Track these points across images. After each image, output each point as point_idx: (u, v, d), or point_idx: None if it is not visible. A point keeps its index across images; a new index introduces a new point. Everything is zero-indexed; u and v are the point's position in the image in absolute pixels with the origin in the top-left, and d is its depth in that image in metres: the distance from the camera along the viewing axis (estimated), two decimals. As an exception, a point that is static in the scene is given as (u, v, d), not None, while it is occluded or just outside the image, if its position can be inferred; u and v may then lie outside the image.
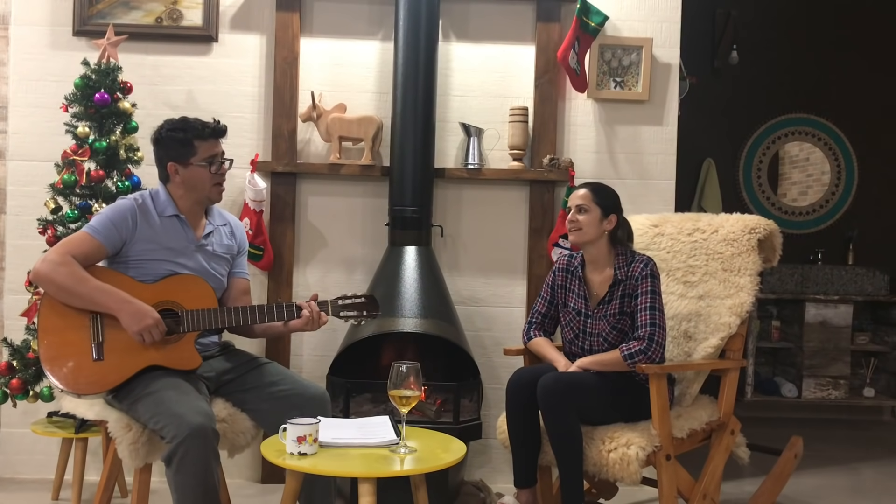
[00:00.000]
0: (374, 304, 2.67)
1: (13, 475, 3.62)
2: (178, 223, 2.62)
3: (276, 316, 2.60)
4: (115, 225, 2.52)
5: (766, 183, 5.89)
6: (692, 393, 2.93)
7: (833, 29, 5.77)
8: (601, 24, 3.61)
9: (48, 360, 2.42)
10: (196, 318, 2.51)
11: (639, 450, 2.55)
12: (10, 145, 3.64)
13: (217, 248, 2.69)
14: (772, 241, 3.02)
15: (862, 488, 3.94)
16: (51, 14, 3.63)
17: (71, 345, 2.43)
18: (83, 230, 2.52)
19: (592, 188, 2.86)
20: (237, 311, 2.56)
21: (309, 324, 2.61)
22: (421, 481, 2.36)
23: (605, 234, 2.82)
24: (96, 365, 2.43)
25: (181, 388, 2.41)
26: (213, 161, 2.60)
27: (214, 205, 2.76)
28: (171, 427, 2.28)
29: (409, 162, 3.48)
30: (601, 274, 2.85)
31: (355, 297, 2.66)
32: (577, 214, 2.82)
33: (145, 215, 2.58)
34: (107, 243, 2.50)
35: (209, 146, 2.61)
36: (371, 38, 3.72)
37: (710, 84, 5.62)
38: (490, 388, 3.62)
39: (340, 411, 3.20)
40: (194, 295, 2.54)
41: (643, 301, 2.73)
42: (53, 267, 2.42)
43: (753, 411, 5.25)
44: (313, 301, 2.63)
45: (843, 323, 5.30)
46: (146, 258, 2.55)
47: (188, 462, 2.26)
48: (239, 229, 2.83)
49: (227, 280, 2.76)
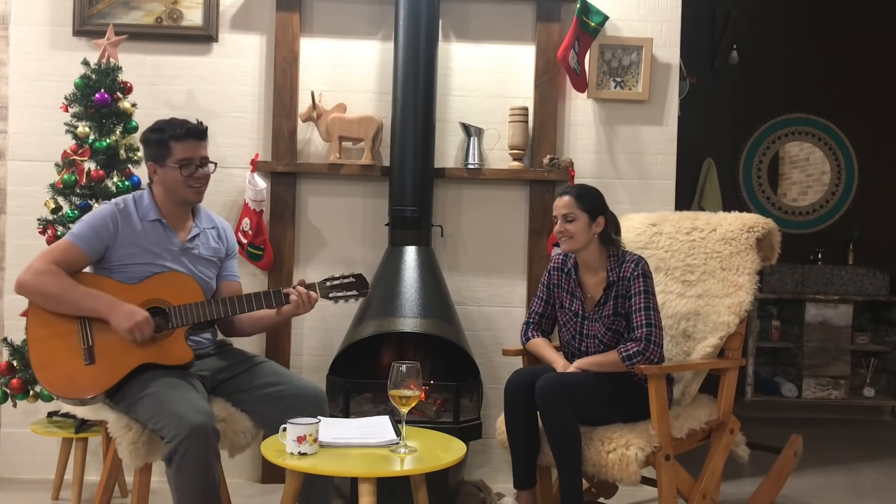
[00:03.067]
0: (363, 282, 2.66)
1: (13, 475, 3.62)
2: (160, 227, 2.61)
3: (265, 303, 2.58)
4: (96, 231, 2.52)
5: (766, 183, 5.89)
6: (691, 392, 2.93)
7: (833, 29, 5.77)
8: (601, 24, 3.61)
9: (40, 369, 2.43)
10: (184, 312, 2.51)
11: (638, 450, 2.55)
12: (10, 145, 3.65)
13: (203, 251, 2.68)
14: (770, 239, 3.02)
15: (862, 488, 3.94)
16: (51, 14, 3.64)
17: (61, 352, 2.43)
18: (65, 238, 2.53)
19: (575, 194, 2.80)
20: (224, 301, 2.56)
21: (300, 307, 2.58)
22: (421, 481, 2.37)
23: (595, 237, 2.81)
24: (88, 369, 2.43)
25: (179, 387, 2.41)
26: (185, 163, 2.57)
27: (202, 207, 2.75)
28: (171, 426, 2.28)
29: (409, 162, 3.48)
30: (595, 276, 2.84)
31: (343, 277, 2.64)
32: (564, 224, 2.77)
33: (127, 220, 2.57)
34: (89, 250, 2.51)
35: (184, 147, 2.57)
36: (371, 38, 3.72)
37: (710, 84, 5.62)
38: (490, 388, 3.62)
39: (340, 411, 3.21)
40: (180, 290, 2.54)
41: (637, 301, 2.72)
42: (38, 276, 2.43)
43: (753, 411, 5.25)
44: (300, 285, 2.61)
45: (843, 323, 5.29)
46: (129, 262, 2.55)
47: (189, 461, 2.26)
48: (227, 231, 2.81)
49: (217, 283, 2.75)
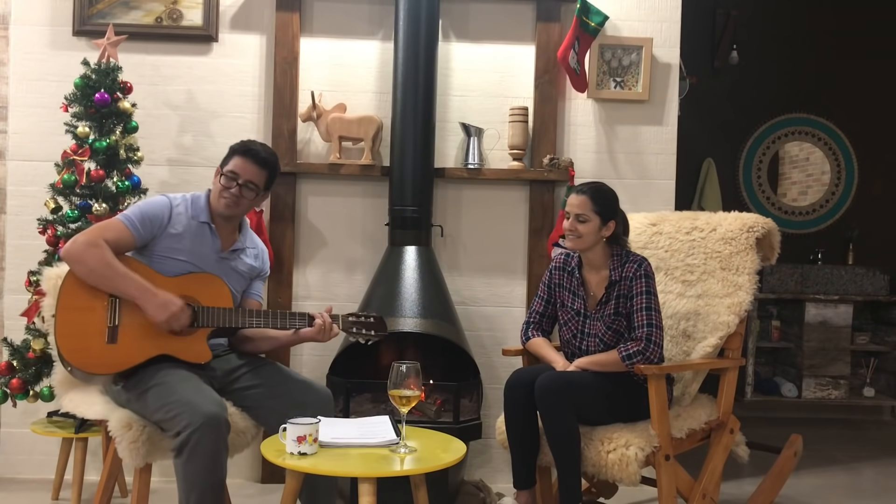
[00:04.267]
0: (383, 324, 2.72)
1: (13, 475, 3.62)
2: (207, 231, 2.66)
3: (289, 322, 2.63)
4: (149, 219, 2.58)
5: (766, 183, 5.89)
6: (691, 392, 2.93)
7: (833, 29, 5.76)
8: (601, 24, 3.61)
9: (62, 336, 2.45)
10: (211, 314, 2.54)
11: (638, 450, 2.55)
12: (10, 145, 3.65)
13: (239, 266, 2.73)
14: (770, 239, 3.02)
15: (862, 488, 3.94)
16: (51, 14, 3.64)
17: (86, 325, 2.46)
18: (117, 218, 2.57)
19: (591, 195, 2.78)
20: (252, 313, 2.61)
21: (320, 333, 2.64)
22: (421, 481, 2.37)
23: (602, 239, 2.81)
24: (108, 347, 2.45)
25: (192, 379, 2.43)
26: (231, 176, 2.63)
27: (249, 228, 2.82)
28: (184, 415, 2.28)
29: (409, 162, 3.48)
30: (598, 274, 2.84)
31: (366, 316, 2.71)
32: (576, 223, 2.77)
33: (178, 216, 2.63)
34: (138, 235, 2.55)
35: (238, 163, 2.64)
36: (371, 38, 3.72)
37: (710, 84, 5.62)
38: (490, 388, 3.62)
39: (340, 411, 3.21)
40: (212, 293, 2.58)
41: (639, 302, 2.72)
42: (85, 248, 2.45)
43: (753, 411, 5.25)
44: (326, 313, 2.66)
45: (843, 323, 5.29)
46: (170, 256, 2.59)
47: (200, 451, 2.26)
48: (265, 255, 2.88)
49: (241, 298, 2.79)
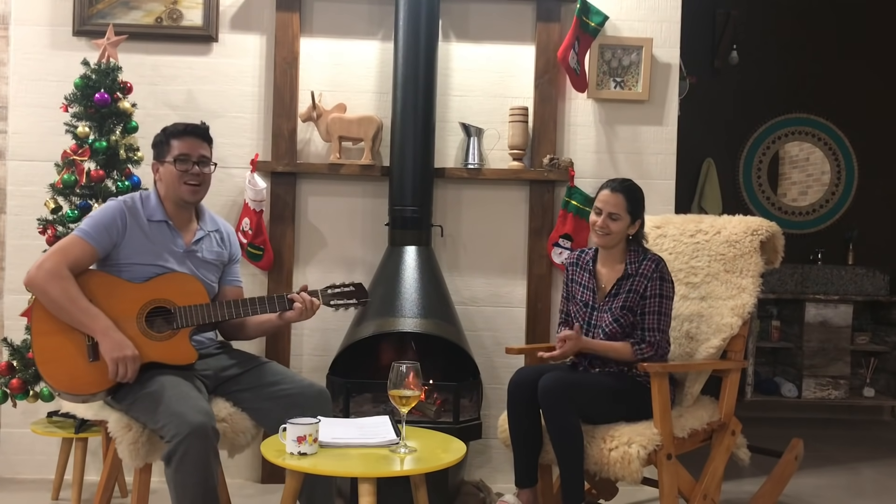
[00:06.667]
0: (363, 291, 2.70)
1: (13, 475, 3.61)
2: (166, 228, 2.62)
3: (269, 307, 2.61)
4: (105, 227, 2.53)
5: (766, 183, 5.89)
6: (693, 393, 2.93)
7: (833, 29, 5.77)
8: (601, 24, 3.61)
9: (44, 364, 2.43)
10: (189, 313, 2.52)
11: (640, 448, 2.55)
12: (10, 145, 3.64)
13: (207, 255, 2.69)
14: (774, 242, 3.03)
15: (862, 488, 3.94)
16: (51, 14, 3.63)
17: (65, 347, 2.43)
18: (75, 234, 2.53)
19: (627, 195, 2.81)
20: (229, 304, 2.59)
21: (303, 313, 2.61)
22: (421, 481, 2.36)
23: (627, 237, 2.86)
24: (92, 366, 2.43)
25: (180, 386, 2.41)
26: (182, 159, 2.59)
27: (206, 209, 2.76)
28: (171, 426, 2.28)
29: (408, 162, 3.48)
30: (612, 269, 2.88)
31: (343, 286, 2.68)
32: (608, 221, 2.80)
33: (134, 217, 2.58)
34: (98, 246, 2.51)
35: (182, 144, 2.60)
36: (371, 38, 3.72)
37: (710, 84, 5.62)
38: (490, 387, 3.62)
39: (340, 411, 3.20)
40: (185, 292, 2.55)
41: (652, 304, 2.77)
42: (48, 278, 2.42)
43: (753, 411, 5.25)
44: (303, 291, 2.64)
45: (843, 323, 5.29)
46: (135, 262, 2.55)
47: (188, 461, 2.26)
48: (231, 236, 2.82)
49: (220, 287, 2.76)
